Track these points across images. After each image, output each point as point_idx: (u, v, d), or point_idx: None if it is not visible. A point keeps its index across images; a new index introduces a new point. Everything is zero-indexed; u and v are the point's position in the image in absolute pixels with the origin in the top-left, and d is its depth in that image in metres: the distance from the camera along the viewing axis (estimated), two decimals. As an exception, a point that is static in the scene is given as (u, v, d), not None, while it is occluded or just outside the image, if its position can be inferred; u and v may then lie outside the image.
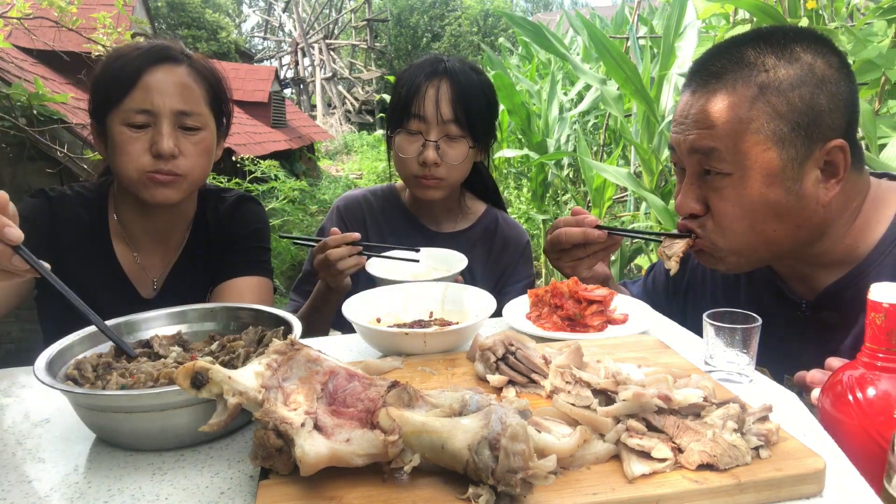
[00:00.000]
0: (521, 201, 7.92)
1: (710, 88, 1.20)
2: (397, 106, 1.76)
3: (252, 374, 0.78)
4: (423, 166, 1.72)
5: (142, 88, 1.44)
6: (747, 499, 0.74)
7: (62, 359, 0.99)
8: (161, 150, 1.43)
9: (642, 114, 4.34)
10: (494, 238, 1.94)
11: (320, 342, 1.30)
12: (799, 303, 1.32)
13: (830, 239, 1.24)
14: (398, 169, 1.82)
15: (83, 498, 0.78)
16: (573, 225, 1.44)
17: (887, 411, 0.83)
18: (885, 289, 0.84)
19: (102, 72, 1.49)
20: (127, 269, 1.59)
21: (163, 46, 1.50)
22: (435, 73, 1.73)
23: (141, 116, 1.44)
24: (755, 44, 1.19)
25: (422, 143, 1.72)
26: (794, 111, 1.14)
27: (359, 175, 16.22)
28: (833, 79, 1.16)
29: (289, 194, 5.91)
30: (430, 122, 1.71)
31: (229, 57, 26.47)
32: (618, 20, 7.97)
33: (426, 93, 1.72)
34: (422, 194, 1.79)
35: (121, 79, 1.45)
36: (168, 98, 1.45)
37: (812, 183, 1.17)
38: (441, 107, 1.71)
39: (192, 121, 1.48)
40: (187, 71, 1.50)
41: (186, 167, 1.48)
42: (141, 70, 1.44)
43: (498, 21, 36.57)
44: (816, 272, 1.28)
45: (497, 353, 1.02)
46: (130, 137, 1.45)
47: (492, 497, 0.70)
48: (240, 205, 1.71)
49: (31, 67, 5.42)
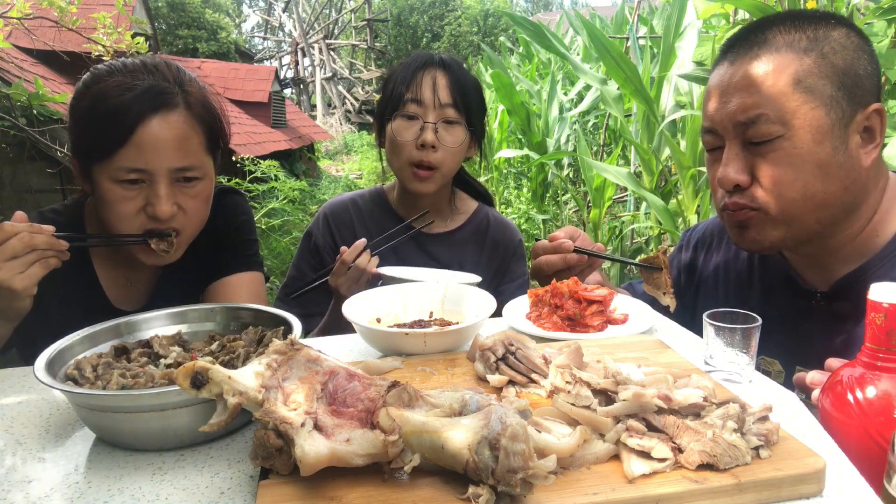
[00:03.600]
0: (521, 201, 7.91)
1: (754, 53, 1.21)
2: (391, 95, 1.75)
3: (252, 374, 0.78)
4: (422, 149, 1.71)
5: (135, 146, 1.27)
6: (747, 499, 0.74)
7: (62, 359, 0.99)
8: (158, 214, 1.31)
9: (642, 114, 4.34)
10: (486, 238, 1.93)
11: (320, 342, 1.30)
12: (813, 293, 1.32)
13: (858, 218, 1.24)
14: (392, 160, 1.79)
15: (83, 498, 0.78)
16: (551, 252, 1.47)
17: (887, 411, 0.83)
18: (885, 289, 0.84)
19: (88, 111, 1.31)
20: (109, 288, 1.50)
21: (158, 90, 1.31)
22: (430, 63, 1.75)
23: (134, 174, 1.29)
24: (791, 20, 1.22)
25: (419, 126, 1.71)
26: (838, 72, 1.16)
27: (359, 175, 16.22)
28: (865, 49, 1.20)
29: (289, 194, 5.90)
30: (428, 105, 1.71)
31: (229, 57, 26.49)
32: (618, 20, 7.97)
33: (422, 79, 1.72)
34: (416, 187, 1.76)
35: (109, 132, 1.27)
36: (165, 155, 1.30)
37: (854, 146, 1.19)
38: (438, 91, 1.72)
39: (190, 173, 1.35)
40: (185, 117, 1.34)
41: (185, 222, 1.37)
42: (135, 123, 1.27)
43: (498, 21, 36.57)
44: (833, 262, 1.29)
45: (497, 353, 1.02)
46: (122, 196, 1.31)
47: (492, 497, 0.70)
48: (222, 199, 1.60)
49: (31, 67, 5.43)
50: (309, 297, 1.83)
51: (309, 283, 1.72)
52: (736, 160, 1.23)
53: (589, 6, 29.28)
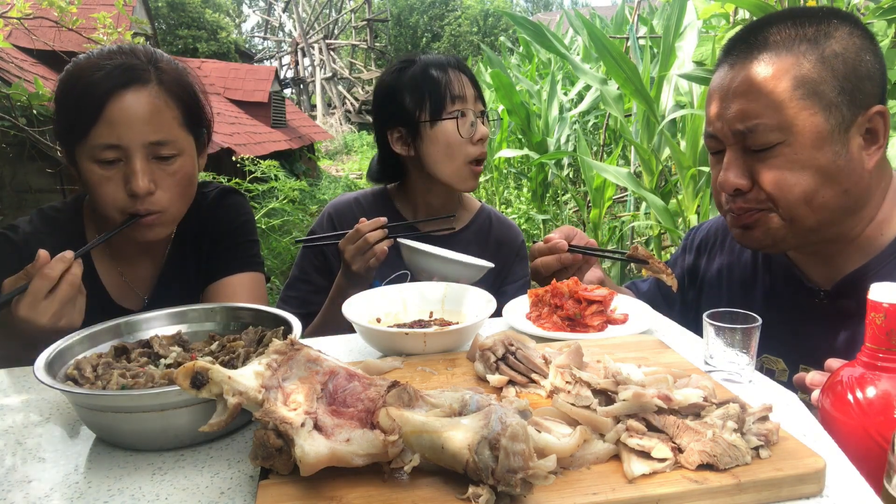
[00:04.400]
0: (521, 201, 7.92)
1: (754, 57, 1.20)
2: (425, 98, 1.76)
3: (252, 374, 0.78)
4: (480, 143, 1.78)
5: (107, 122, 1.28)
6: (747, 499, 0.74)
7: (62, 359, 0.99)
8: (136, 190, 1.32)
9: (642, 114, 4.34)
10: (488, 238, 1.93)
11: (320, 342, 1.30)
12: (817, 291, 1.32)
13: (861, 218, 1.24)
14: (444, 164, 1.78)
15: (83, 498, 0.78)
16: (547, 253, 1.48)
17: (887, 411, 0.83)
18: (885, 289, 0.84)
19: (63, 94, 1.34)
20: (110, 284, 1.51)
21: (127, 65, 1.32)
22: (448, 63, 1.80)
23: (110, 152, 1.30)
24: (793, 19, 1.20)
25: (469, 122, 1.77)
26: (838, 76, 1.15)
27: (359, 175, 16.22)
28: (869, 48, 1.18)
29: (289, 194, 5.90)
30: (469, 100, 1.78)
31: (229, 57, 26.48)
32: (618, 20, 7.97)
33: (452, 77, 1.77)
34: (472, 185, 1.83)
35: (82, 109, 1.29)
36: (137, 129, 1.30)
37: (856, 149, 1.18)
38: (467, 86, 1.79)
39: (166, 150, 1.35)
40: (157, 91, 1.34)
41: (166, 201, 1.37)
42: (104, 99, 1.28)
43: (498, 21, 36.57)
44: (836, 260, 1.29)
45: (497, 353, 1.02)
46: (102, 177, 1.32)
47: (492, 497, 0.70)
48: (223, 199, 1.62)
49: (31, 67, 5.43)
50: (309, 296, 1.84)
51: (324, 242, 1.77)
52: (736, 165, 1.23)
53: (589, 6, 29.28)
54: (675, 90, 4.19)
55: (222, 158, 7.54)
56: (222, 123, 10.14)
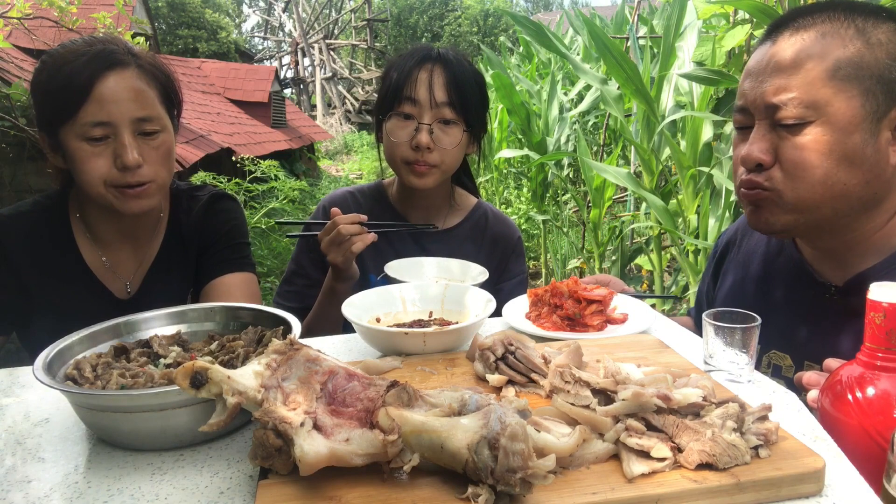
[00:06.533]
0: (521, 201, 7.92)
1: (800, 36, 1.20)
2: (388, 91, 1.72)
3: (251, 374, 0.78)
4: (416, 150, 1.68)
5: (96, 100, 1.37)
6: (747, 498, 0.74)
7: (62, 359, 0.99)
8: (126, 162, 1.39)
9: (642, 114, 4.34)
10: (484, 235, 1.91)
11: (320, 342, 1.30)
12: (828, 286, 1.32)
13: (878, 215, 1.24)
14: (388, 157, 1.77)
15: (83, 498, 0.78)
16: None
17: (887, 411, 0.83)
18: (885, 289, 0.84)
19: (47, 81, 1.41)
20: (96, 269, 1.57)
21: (108, 51, 1.42)
22: (427, 58, 1.71)
23: (99, 129, 1.38)
24: (843, 9, 1.21)
25: (414, 126, 1.68)
26: (880, 65, 1.16)
27: (359, 175, 16.22)
28: None
29: (289, 194, 5.91)
30: (424, 105, 1.67)
31: (229, 57, 26.47)
32: (618, 20, 7.97)
33: (419, 76, 1.68)
34: (414, 182, 1.73)
35: (71, 91, 1.37)
36: (124, 106, 1.39)
37: (884, 143, 1.18)
38: (435, 90, 1.67)
39: (150, 125, 1.44)
40: (137, 73, 1.44)
41: (152, 173, 1.45)
42: (92, 80, 1.37)
43: (498, 21, 36.58)
44: (850, 257, 1.28)
45: (497, 352, 1.02)
46: (91, 153, 1.39)
47: (491, 497, 0.70)
48: (213, 204, 1.69)
49: (31, 67, 5.41)
50: (306, 290, 1.84)
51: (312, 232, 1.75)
52: (763, 140, 1.23)
53: (589, 6, 29.29)
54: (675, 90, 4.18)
55: (222, 158, 7.53)
56: (222, 123, 10.15)
